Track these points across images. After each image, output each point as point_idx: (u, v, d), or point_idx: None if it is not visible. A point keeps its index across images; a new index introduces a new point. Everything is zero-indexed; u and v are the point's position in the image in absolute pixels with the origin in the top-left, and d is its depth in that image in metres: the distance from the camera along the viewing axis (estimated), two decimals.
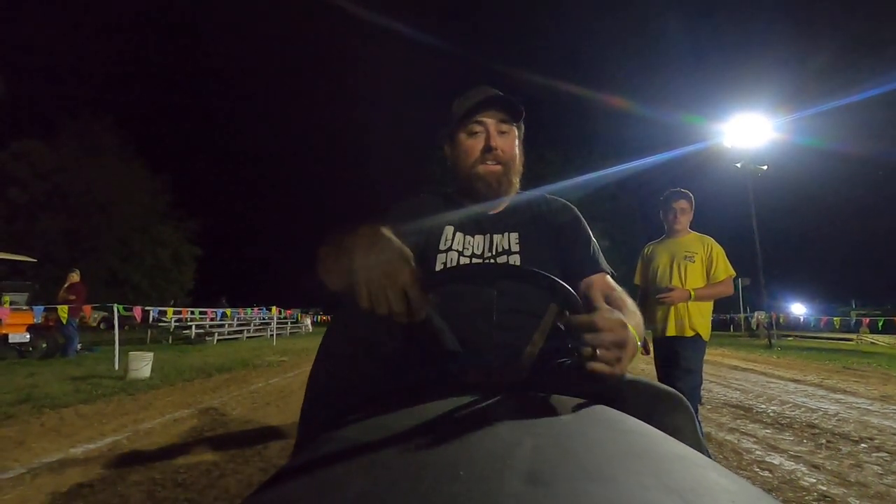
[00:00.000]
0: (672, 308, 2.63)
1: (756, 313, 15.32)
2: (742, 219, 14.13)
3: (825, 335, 15.58)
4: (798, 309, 25.21)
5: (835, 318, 11.23)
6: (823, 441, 3.04)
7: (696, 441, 0.63)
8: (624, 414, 0.49)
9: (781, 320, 13.78)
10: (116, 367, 6.06)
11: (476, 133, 0.97)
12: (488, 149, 0.95)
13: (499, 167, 0.97)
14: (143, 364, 5.49)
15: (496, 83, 1.02)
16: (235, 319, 13.32)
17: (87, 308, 6.60)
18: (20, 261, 8.37)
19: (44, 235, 24.34)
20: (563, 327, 0.77)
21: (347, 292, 0.67)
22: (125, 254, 27.19)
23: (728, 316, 18.71)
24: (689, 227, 2.83)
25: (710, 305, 2.75)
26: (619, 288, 0.91)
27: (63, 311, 5.93)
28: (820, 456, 2.72)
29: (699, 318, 2.63)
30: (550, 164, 25.83)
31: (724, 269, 2.69)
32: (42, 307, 5.58)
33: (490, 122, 0.96)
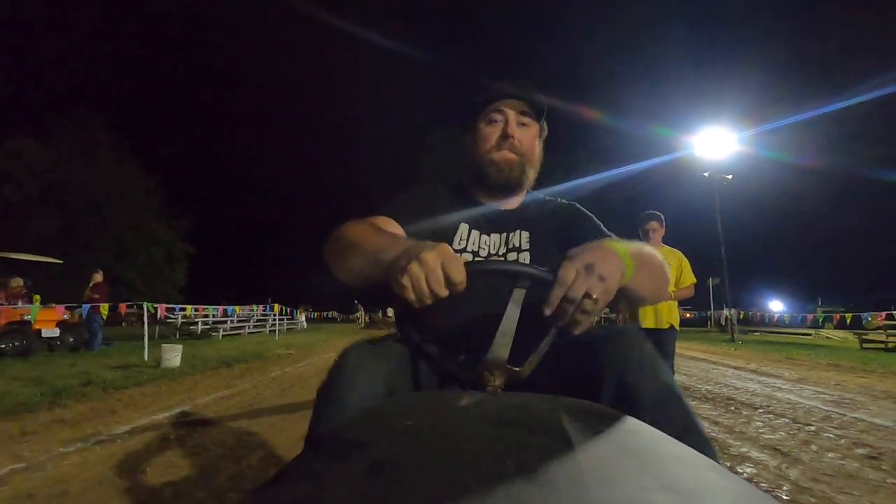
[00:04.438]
0: (651, 307, 3.45)
1: (726, 310, 16.44)
2: (712, 223, 15.30)
3: (789, 330, 16.81)
4: (776, 306, 27.00)
5: (786, 315, 12.35)
6: (732, 408, 3.96)
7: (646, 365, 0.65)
8: (624, 414, 0.50)
9: (742, 316, 14.91)
10: (146, 357, 6.80)
11: (495, 122, 0.96)
12: (505, 136, 0.94)
13: (514, 156, 0.95)
14: (173, 355, 6.26)
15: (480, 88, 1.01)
16: (235, 316, 14.02)
17: (122, 306, 7.32)
18: (47, 262, 9.03)
19: (38, 233, 24.53)
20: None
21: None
22: (119, 252, 27.50)
23: (697, 313, 20.05)
24: (662, 241, 3.62)
25: (676, 303, 3.60)
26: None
27: (105, 308, 6.65)
28: (724, 417, 3.64)
29: (671, 313, 3.48)
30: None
31: (689, 277, 3.59)
32: (87, 305, 6.28)
33: (511, 112, 0.95)
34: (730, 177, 15.00)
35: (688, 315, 19.49)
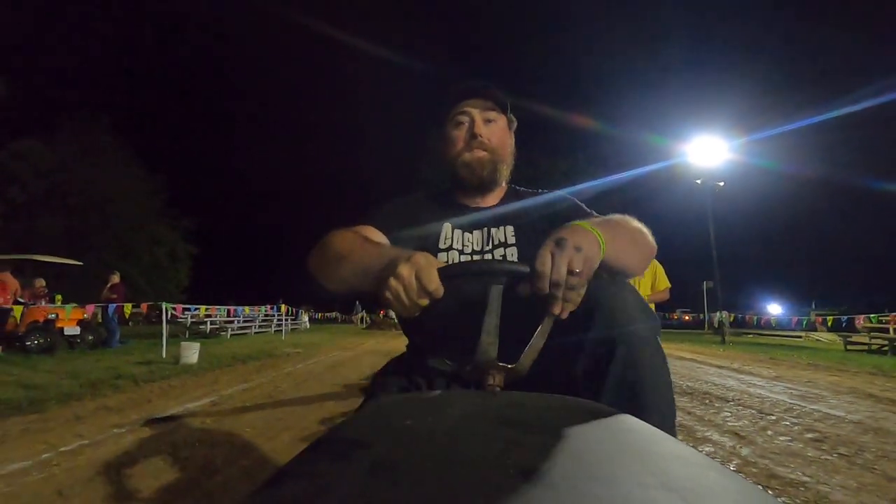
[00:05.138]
0: None
1: (718, 313, 16.90)
2: (706, 228, 15.80)
3: (782, 333, 17.27)
4: (775, 309, 27.82)
5: (772, 319, 12.81)
6: (707, 401, 4.38)
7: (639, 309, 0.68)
8: (624, 414, 0.49)
9: (732, 319, 15.36)
10: (164, 355, 7.20)
11: (461, 123, 0.98)
12: (472, 136, 0.96)
13: (485, 154, 0.97)
14: (191, 352, 6.67)
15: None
16: (241, 316, 14.45)
17: (144, 306, 7.74)
18: (67, 263, 9.48)
19: (43, 234, 24.93)
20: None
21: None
22: (123, 252, 27.89)
23: (695, 316, 20.55)
24: None
25: (652, 305, 4.04)
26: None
27: (128, 308, 7.07)
28: (697, 409, 4.06)
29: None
30: (538, 167, 27.70)
31: (663, 281, 4.01)
32: (113, 305, 6.69)
33: (475, 111, 0.97)
34: (722, 183, 15.58)
35: (686, 318, 19.98)
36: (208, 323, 12.45)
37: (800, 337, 16.30)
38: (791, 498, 2.10)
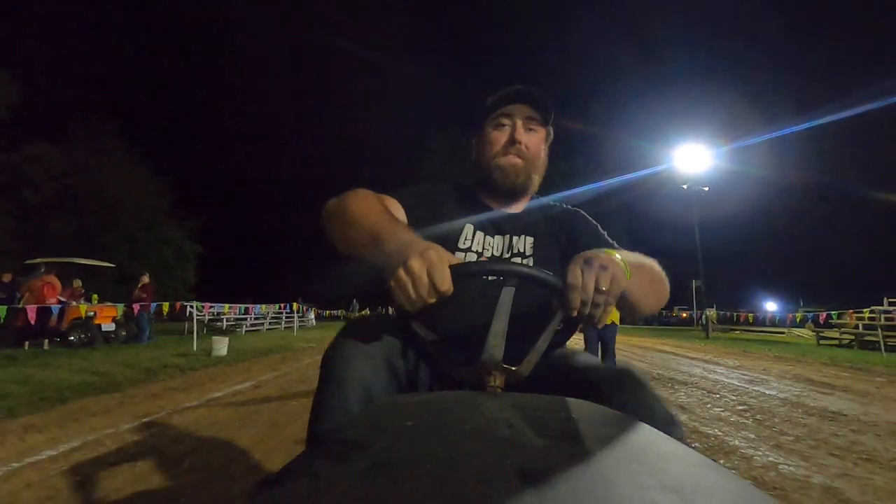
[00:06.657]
0: None
1: (707, 310, 17.72)
2: (692, 230, 16.68)
3: (769, 329, 18.06)
4: (771, 306, 28.88)
5: (749, 315, 13.65)
6: (669, 384, 5.20)
7: (651, 407, 0.70)
8: (623, 414, 0.51)
9: (714, 316, 16.19)
10: (195, 348, 8.01)
11: (503, 126, 0.98)
12: (512, 141, 0.97)
13: (520, 161, 0.98)
14: (221, 346, 7.49)
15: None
16: (253, 314, 15.27)
17: (177, 304, 8.56)
18: (102, 266, 10.32)
19: (56, 234, 25.74)
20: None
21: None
22: (132, 252, 28.67)
23: (689, 312, 21.42)
24: None
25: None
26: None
27: (165, 306, 7.89)
28: (657, 390, 4.86)
29: (612, 312, 4.81)
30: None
31: None
32: (154, 303, 7.49)
33: (518, 117, 0.97)
34: (706, 189, 16.46)
35: (684, 315, 20.75)
36: (224, 320, 13.27)
37: (783, 332, 17.11)
38: (701, 444, 2.91)
